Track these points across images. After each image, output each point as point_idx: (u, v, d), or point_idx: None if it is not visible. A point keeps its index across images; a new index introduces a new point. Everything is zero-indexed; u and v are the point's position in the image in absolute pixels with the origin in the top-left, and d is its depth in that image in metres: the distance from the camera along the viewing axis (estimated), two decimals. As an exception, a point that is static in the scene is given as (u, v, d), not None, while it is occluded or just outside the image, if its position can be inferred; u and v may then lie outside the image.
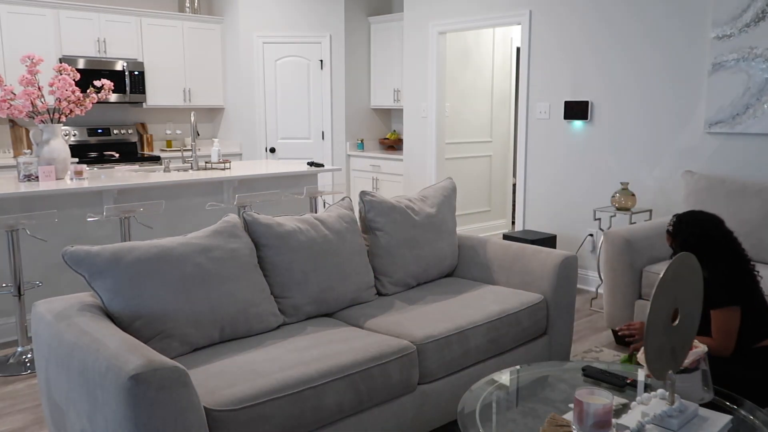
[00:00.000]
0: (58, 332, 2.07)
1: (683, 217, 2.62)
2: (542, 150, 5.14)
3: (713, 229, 2.56)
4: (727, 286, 2.45)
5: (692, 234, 2.55)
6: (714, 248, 2.52)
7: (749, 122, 3.97)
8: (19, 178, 4.00)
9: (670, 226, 2.64)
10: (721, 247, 2.53)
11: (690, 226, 2.57)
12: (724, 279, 2.46)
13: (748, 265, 2.54)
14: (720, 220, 2.60)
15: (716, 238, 2.54)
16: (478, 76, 6.61)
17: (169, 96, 6.72)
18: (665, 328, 1.81)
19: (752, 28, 3.91)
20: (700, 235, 2.54)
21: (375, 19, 6.96)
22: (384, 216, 3.11)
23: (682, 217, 2.62)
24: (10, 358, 3.49)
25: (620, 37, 4.57)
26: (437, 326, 2.61)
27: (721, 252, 2.52)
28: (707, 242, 2.52)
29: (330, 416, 2.17)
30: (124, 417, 1.72)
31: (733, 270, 2.49)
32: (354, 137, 7.10)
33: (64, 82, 4.00)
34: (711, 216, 2.61)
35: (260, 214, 2.70)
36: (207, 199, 4.56)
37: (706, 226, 2.57)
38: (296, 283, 2.67)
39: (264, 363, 2.18)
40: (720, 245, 2.53)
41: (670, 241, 2.66)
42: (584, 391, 1.75)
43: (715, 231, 2.56)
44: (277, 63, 6.90)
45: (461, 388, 2.61)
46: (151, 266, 2.27)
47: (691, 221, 2.59)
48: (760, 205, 3.61)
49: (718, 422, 1.84)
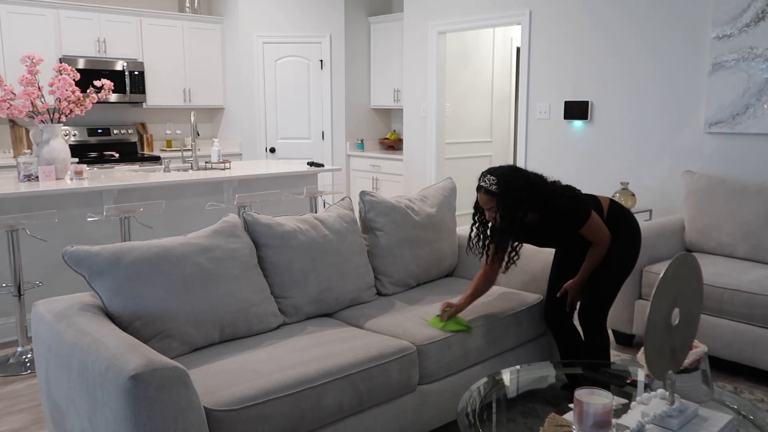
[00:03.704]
0: (58, 332, 2.07)
1: (499, 173, 2.55)
2: (542, 150, 5.14)
3: (528, 177, 2.61)
4: (574, 203, 2.60)
5: (518, 188, 2.54)
6: (539, 191, 2.58)
7: (749, 122, 3.97)
8: (19, 178, 4.00)
9: (491, 185, 2.53)
10: (542, 185, 2.62)
11: (512, 180, 2.55)
12: (566, 203, 2.60)
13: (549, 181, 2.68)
14: (520, 167, 2.66)
15: (535, 183, 2.61)
16: (478, 76, 6.61)
17: (169, 96, 6.72)
18: (665, 328, 1.80)
19: (752, 28, 3.91)
20: (524, 187, 2.55)
21: (375, 19, 6.96)
22: (384, 216, 3.11)
23: (498, 174, 2.55)
24: (10, 358, 3.49)
25: (621, 37, 4.57)
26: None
27: (544, 190, 2.60)
28: (533, 190, 2.57)
29: (330, 416, 2.16)
30: (124, 417, 1.72)
31: (560, 188, 2.64)
32: (354, 137, 7.10)
33: (64, 82, 4.00)
34: (514, 166, 2.65)
35: (260, 214, 2.70)
36: (207, 199, 4.56)
37: (523, 177, 2.60)
38: (296, 283, 2.67)
39: (264, 363, 2.18)
40: (540, 185, 2.61)
41: (493, 202, 2.55)
42: (584, 391, 1.75)
43: (531, 176, 2.62)
44: (277, 63, 6.90)
45: (461, 388, 2.61)
46: (151, 266, 2.27)
47: (509, 174, 2.56)
48: (760, 205, 3.61)
49: (718, 422, 1.84)
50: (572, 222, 2.62)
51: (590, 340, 2.76)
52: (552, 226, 2.65)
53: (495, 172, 2.56)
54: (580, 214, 2.60)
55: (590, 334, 2.76)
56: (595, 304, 2.74)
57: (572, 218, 2.61)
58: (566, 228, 2.64)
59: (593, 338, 2.76)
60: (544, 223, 2.64)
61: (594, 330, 2.75)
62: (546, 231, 2.69)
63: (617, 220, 2.73)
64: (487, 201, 2.57)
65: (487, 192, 2.55)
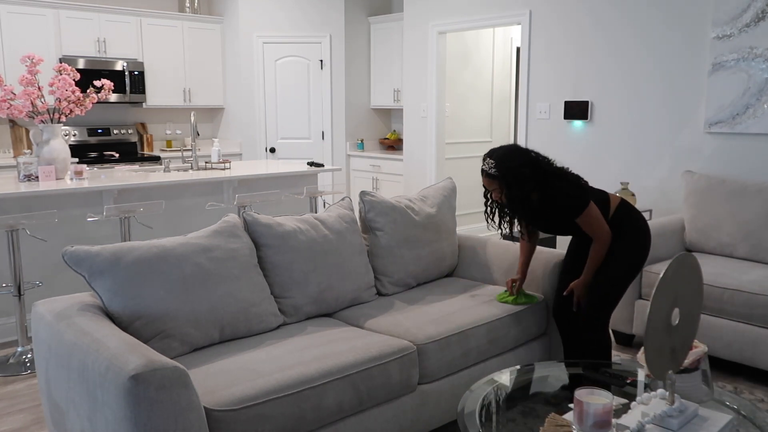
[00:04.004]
0: (58, 332, 2.07)
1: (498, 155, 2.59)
2: (542, 150, 5.07)
3: (529, 154, 2.63)
4: (574, 191, 2.60)
5: (519, 166, 2.56)
6: (541, 169, 2.60)
7: (749, 122, 3.97)
8: (19, 178, 4.00)
9: (491, 168, 2.58)
10: (545, 164, 2.63)
11: (512, 160, 2.57)
12: (567, 188, 2.60)
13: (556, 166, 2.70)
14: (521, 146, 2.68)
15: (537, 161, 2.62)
16: (478, 76, 6.61)
17: (169, 96, 6.72)
18: (665, 328, 1.80)
19: (752, 28, 3.91)
20: (525, 164, 2.57)
21: (375, 19, 6.96)
22: (384, 216, 3.11)
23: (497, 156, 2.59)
24: (10, 358, 3.49)
25: (621, 37, 4.57)
26: (437, 326, 2.61)
27: (547, 169, 2.62)
28: (535, 168, 2.59)
29: (330, 416, 2.16)
30: (124, 417, 1.72)
31: (566, 174, 2.65)
32: (354, 137, 7.10)
33: (64, 82, 4.00)
34: (515, 146, 2.67)
35: (260, 214, 2.70)
36: (207, 199, 4.56)
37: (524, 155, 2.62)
38: (296, 283, 2.67)
39: (264, 363, 2.18)
40: (543, 164, 2.63)
41: (496, 184, 2.60)
42: (584, 391, 1.75)
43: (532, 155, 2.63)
44: (277, 63, 6.90)
45: (461, 388, 2.61)
46: (151, 266, 2.27)
47: (509, 155, 2.59)
48: (760, 205, 3.61)
49: (718, 422, 1.84)
50: (569, 208, 2.61)
51: (591, 339, 2.76)
52: (550, 208, 2.65)
53: (494, 155, 2.60)
54: (577, 200, 2.60)
55: (591, 334, 2.75)
56: (598, 303, 2.74)
57: (569, 204, 2.60)
58: (563, 214, 2.64)
59: (594, 338, 2.75)
60: (543, 203, 2.64)
61: (595, 330, 2.74)
62: (545, 213, 2.69)
63: (624, 219, 2.72)
64: (490, 183, 2.63)
65: (489, 175, 2.60)
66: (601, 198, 2.73)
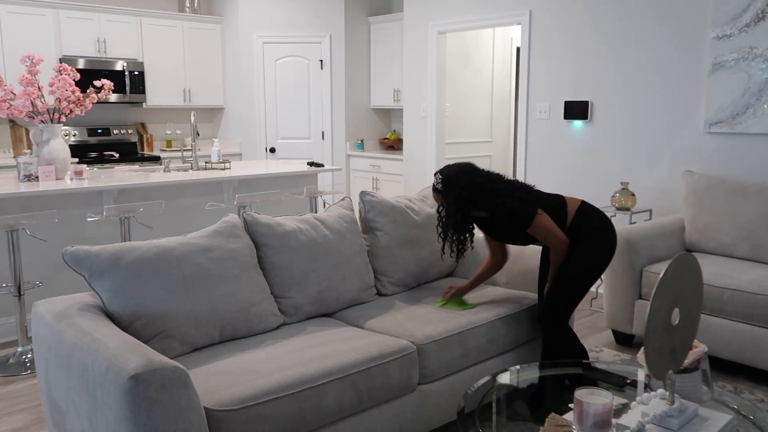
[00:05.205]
0: (58, 332, 2.07)
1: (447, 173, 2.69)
2: (542, 150, 5.14)
3: (477, 174, 2.69)
4: (519, 202, 2.65)
5: (465, 186, 2.64)
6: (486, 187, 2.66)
7: (749, 122, 3.97)
8: (19, 178, 4.00)
9: (438, 184, 2.70)
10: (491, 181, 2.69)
11: (455, 181, 2.66)
12: (511, 201, 2.65)
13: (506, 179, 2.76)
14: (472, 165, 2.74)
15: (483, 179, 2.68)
16: (478, 76, 6.61)
17: (169, 96, 6.72)
18: (665, 328, 1.80)
19: (752, 28, 3.91)
20: (471, 184, 2.65)
21: (375, 19, 6.96)
22: (384, 216, 3.11)
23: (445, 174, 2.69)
24: (10, 358, 3.49)
25: (621, 37, 4.57)
26: (437, 326, 2.61)
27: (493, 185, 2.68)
28: (478, 187, 2.66)
29: (330, 416, 2.17)
30: (124, 417, 1.72)
31: (512, 188, 2.69)
32: (354, 137, 7.10)
33: (64, 82, 4.00)
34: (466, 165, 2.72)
35: (260, 214, 2.70)
36: (207, 199, 4.56)
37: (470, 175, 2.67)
38: (296, 283, 2.67)
39: (264, 363, 2.18)
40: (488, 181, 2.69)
41: (441, 199, 2.73)
42: (584, 391, 1.75)
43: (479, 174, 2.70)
44: (277, 63, 6.90)
45: (461, 388, 2.61)
46: (151, 266, 2.27)
47: (454, 174, 2.68)
48: (760, 205, 3.61)
49: (718, 422, 1.84)
50: (517, 223, 2.67)
51: (550, 338, 2.77)
52: (502, 224, 2.74)
53: (444, 172, 2.71)
54: (523, 214, 2.65)
55: (549, 334, 2.76)
56: (557, 303, 2.73)
57: (516, 219, 2.66)
58: (514, 227, 2.71)
59: (552, 337, 2.76)
60: (496, 219, 2.72)
61: (556, 329, 2.74)
62: (502, 227, 2.77)
63: (585, 221, 2.74)
64: (436, 197, 2.75)
65: (435, 189, 2.72)
66: (556, 204, 2.75)
